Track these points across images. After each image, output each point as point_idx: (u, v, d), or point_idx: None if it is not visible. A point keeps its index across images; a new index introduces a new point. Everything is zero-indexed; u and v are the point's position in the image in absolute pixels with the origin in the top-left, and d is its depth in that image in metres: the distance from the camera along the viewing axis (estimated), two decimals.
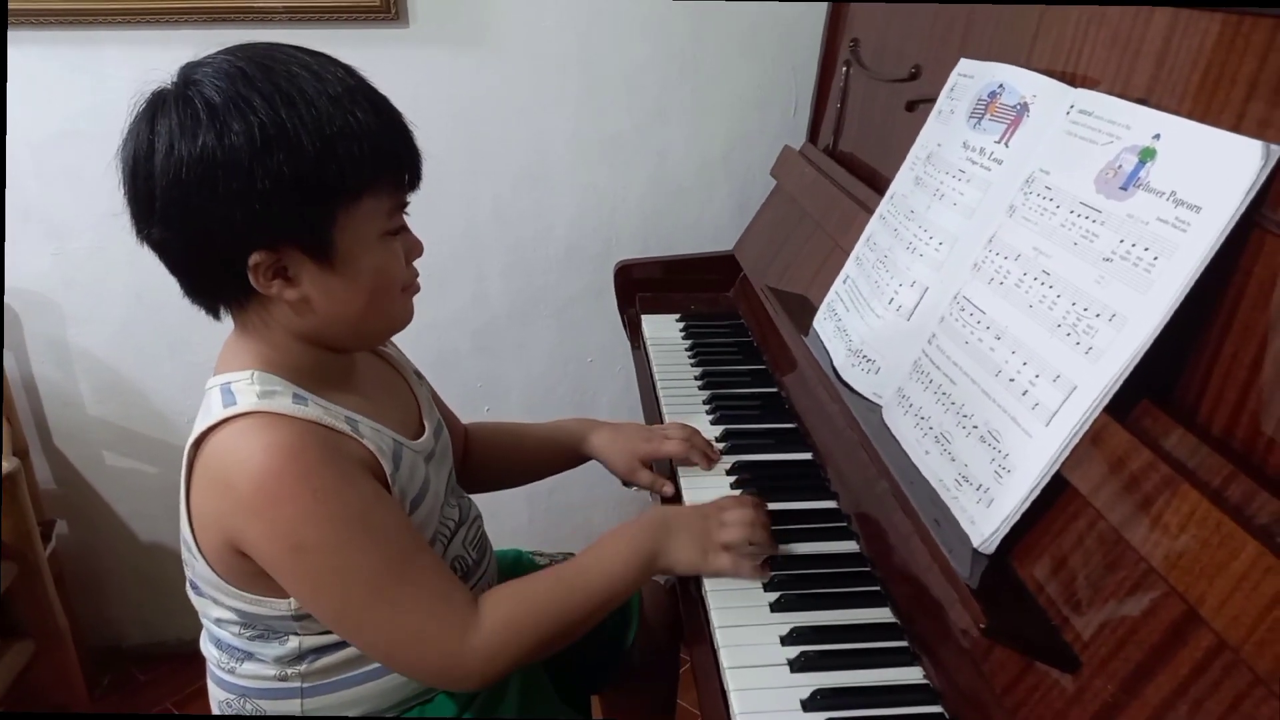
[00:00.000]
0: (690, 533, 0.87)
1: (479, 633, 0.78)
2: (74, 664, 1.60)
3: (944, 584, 0.75)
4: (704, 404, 1.21)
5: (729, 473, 1.05)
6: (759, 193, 1.58)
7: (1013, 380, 0.72)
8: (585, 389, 1.79)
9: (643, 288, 1.55)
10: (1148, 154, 0.67)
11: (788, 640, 0.80)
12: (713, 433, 1.12)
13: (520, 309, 1.70)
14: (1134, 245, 0.65)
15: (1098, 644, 0.60)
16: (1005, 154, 0.85)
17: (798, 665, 0.77)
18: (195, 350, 1.62)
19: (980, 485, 0.72)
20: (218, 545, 0.77)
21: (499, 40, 1.49)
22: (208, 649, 0.88)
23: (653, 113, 1.58)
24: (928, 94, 1.04)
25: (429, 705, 0.89)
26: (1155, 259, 0.63)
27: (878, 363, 0.94)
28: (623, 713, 1.26)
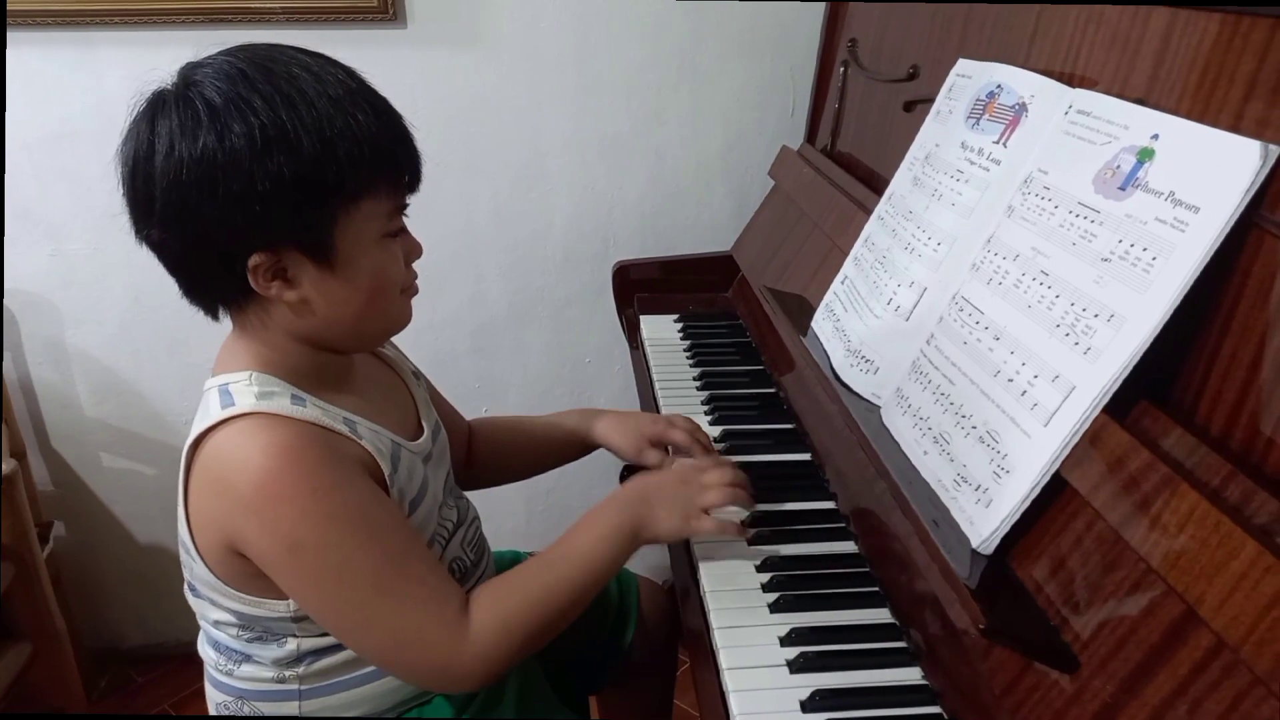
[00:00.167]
0: (671, 501, 0.88)
1: (473, 633, 0.77)
2: (71, 666, 1.60)
3: (943, 584, 0.75)
4: (702, 404, 1.21)
5: None
6: (757, 193, 1.58)
7: (1011, 380, 0.72)
8: (583, 389, 1.79)
9: (641, 288, 1.55)
10: (1146, 154, 0.67)
11: (787, 641, 0.80)
12: (712, 433, 1.12)
13: (518, 309, 1.70)
14: (1132, 245, 0.65)
15: (1097, 644, 0.60)
16: (1003, 154, 0.86)
17: (797, 666, 0.77)
18: (193, 351, 1.62)
19: (979, 485, 0.72)
20: (216, 546, 0.76)
21: (497, 41, 1.49)
22: (206, 651, 0.87)
23: (651, 113, 1.58)
24: (926, 94, 1.04)
25: (426, 707, 0.89)
26: (1154, 259, 0.63)
27: (876, 363, 0.94)
28: (620, 713, 1.26)
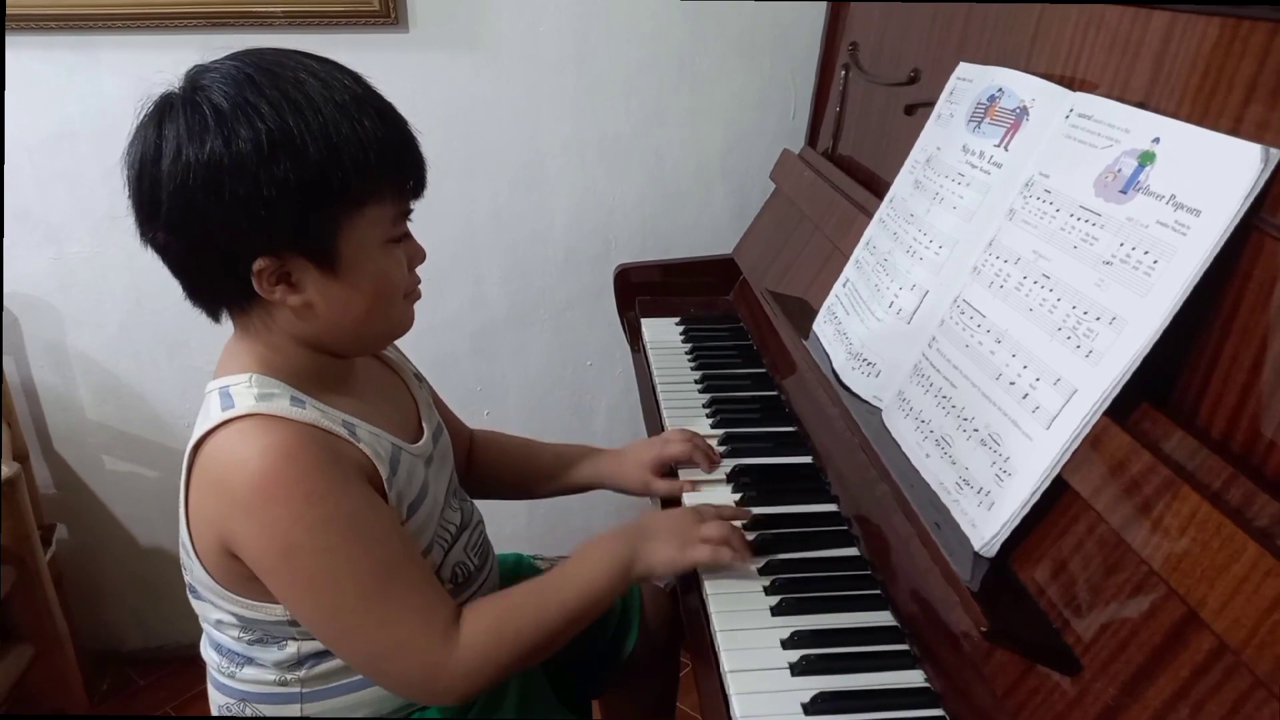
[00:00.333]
0: (668, 534, 0.88)
1: (460, 647, 0.77)
2: (73, 668, 1.60)
3: (945, 587, 0.75)
4: (704, 407, 1.21)
5: (729, 476, 1.05)
6: (757, 196, 1.58)
7: (1013, 383, 0.72)
8: (584, 392, 1.79)
9: (642, 291, 1.54)
10: (1147, 157, 0.67)
11: (789, 644, 0.80)
12: (713, 436, 1.12)
13: (519, 312, 1.70)
14: (1134, 248, 0.65)
15: (1099, 646, 0.60)
16: (1005, 157, 0.86)
17: (799, 669, 0.77)
18: (194, 353, 1.62)
19: (981, 488, 0.72)
20: (213, 548, 0.77)
21: (497, 43, 1.49)
22: (208, 653, 0.88)
23: (651, 115, 1.58)
24: (927, 97, 1.04)
25: (428, 709, 0.89)
26: (1155, 262, 0.63)
27: (878, 366, 0.94)
28: (622, 715, 1.26)
